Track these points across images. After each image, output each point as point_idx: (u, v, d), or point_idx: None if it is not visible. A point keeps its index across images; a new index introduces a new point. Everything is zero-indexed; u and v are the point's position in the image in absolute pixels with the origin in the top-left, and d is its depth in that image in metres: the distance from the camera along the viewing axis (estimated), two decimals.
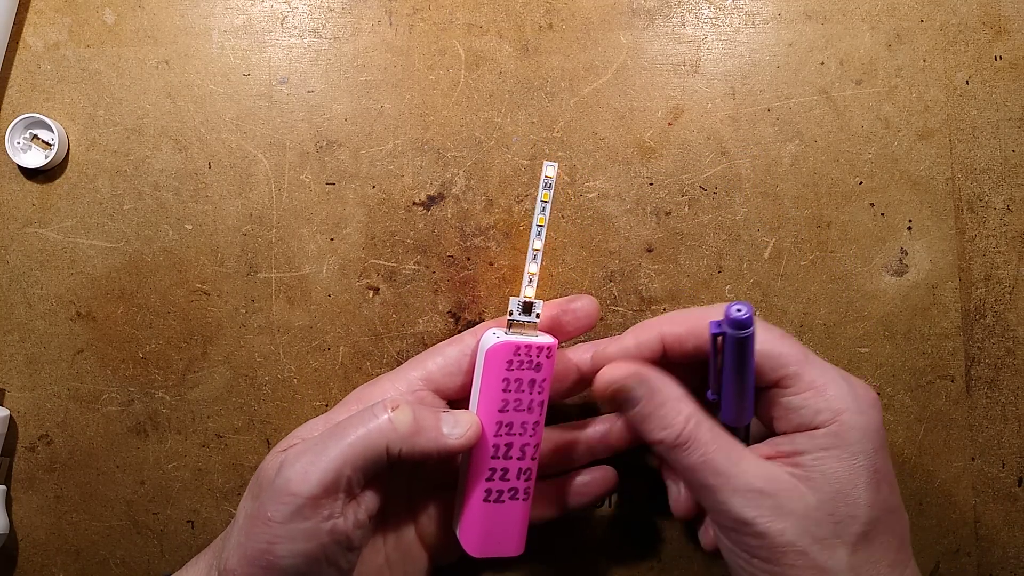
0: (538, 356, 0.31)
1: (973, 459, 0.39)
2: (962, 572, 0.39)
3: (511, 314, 0.32)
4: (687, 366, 0.32)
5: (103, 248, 0.39)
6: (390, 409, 0.29)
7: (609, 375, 0.31)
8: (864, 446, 0.28)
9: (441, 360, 0.33)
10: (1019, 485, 0.39)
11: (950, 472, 0.39)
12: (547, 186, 0.31)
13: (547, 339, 0.32)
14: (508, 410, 0.31)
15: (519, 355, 0.31)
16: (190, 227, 0.39)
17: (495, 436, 0.31)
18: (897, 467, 0.39)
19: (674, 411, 0.30)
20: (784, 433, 0.30)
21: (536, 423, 0.32)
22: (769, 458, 0.29)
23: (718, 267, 0.39)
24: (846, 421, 0.28)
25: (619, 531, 0.39)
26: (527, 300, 0.32)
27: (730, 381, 0.30)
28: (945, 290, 0.39)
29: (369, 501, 0.30)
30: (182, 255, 0.39)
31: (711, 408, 0.31)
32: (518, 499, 0.32)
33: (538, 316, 0.32)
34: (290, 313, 0.39)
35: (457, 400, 0.34)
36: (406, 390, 0.33)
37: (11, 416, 0.39)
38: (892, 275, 0.39)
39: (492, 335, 0.32)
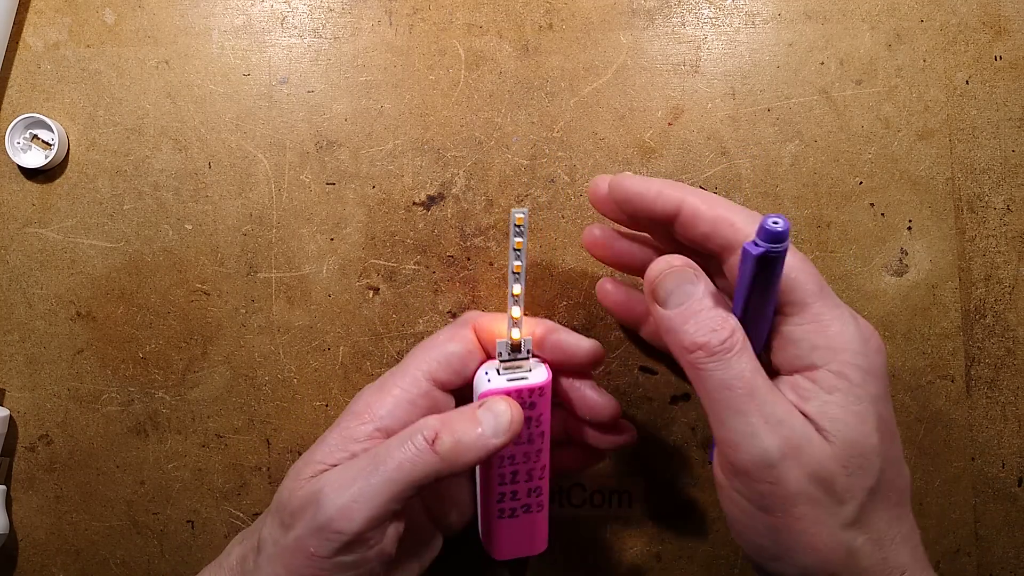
0: (530, 397, 0.32)
1: (973, 459, 0.39)
2: (962, 572, 0.39)
3: (500, 355, 0.32)
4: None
5: (103, 248, 0.39)
6: (431, 441, 0.29)
7: (666, 261, 0.28)
8: (868, 389, 0.26)
9: (443, 358, 0.32)
10: (1019, 485, 0.39)
11: (950, 472, 0.39)
12: (519, 233, 0.31)
13: (539, 377, 0.32)
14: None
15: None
16: (190, 227, 0.39)
17: (499, 468, 0.32)
18: None
19: (722, 315, 0.27)
20: (779, 371, 0.28)
21: (539, 451, 0.33)
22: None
23: None
24: (848, 361, 0.26)
25: (619, 531, 0.39)
26: (513, 342, 0.32)
27: (752, 303, 0.28)
28: (945, 290, 0.39)
29: (404, 514, 0.30)
30: (182, 255, 0.39)
31: None
32: (531, 512, 0.34)
33: (529, 351, 0.32)
34: (290, 313, 0.39)
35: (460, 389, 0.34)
36: (416, 393, 0.32)
37: (11, 416, 0.39)
38: (892, 275, 0.39)
39: (484, 377, 0.32)
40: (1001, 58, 0.39)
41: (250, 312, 0.39)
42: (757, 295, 0.27)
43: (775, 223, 0.25)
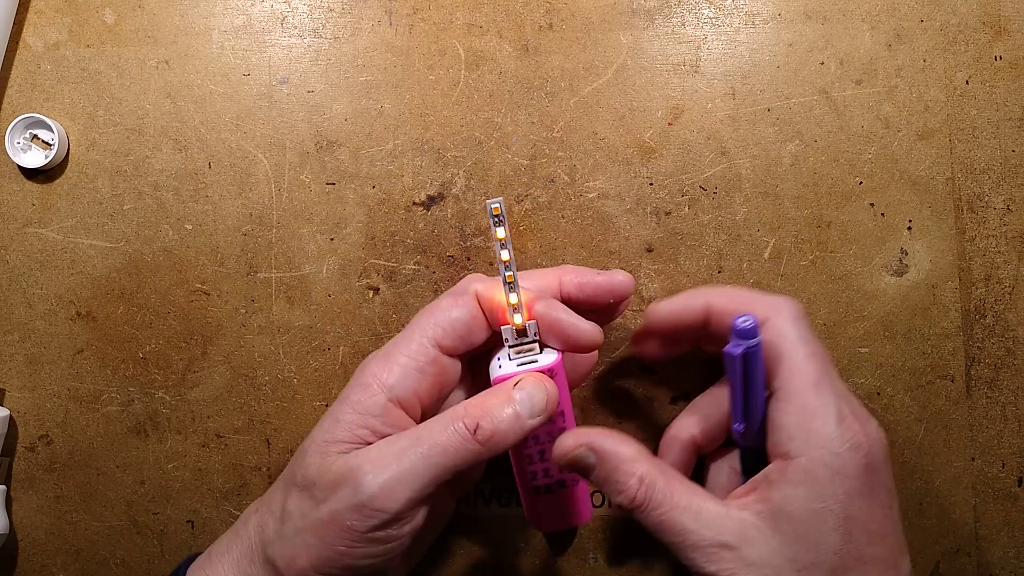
0: None
1: (973, 459, 0.39)
2: (962, 572, 0.39)
3: (507, 341, 0.32)
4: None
5: (103, 248, 0.39)
6: (473, 431, 0.29)
7: (562, 446, 0.31)
8: (833, 489, 0.27)
9: (448, 324, 0.32)
10: (1019, 485, 0.39)
11: (950, 472, 0.39)
12: (499, 223, 0.31)
13: (549, 359, 0.32)
14: None
15: None
16: (190, 227, 0.39)
17: (526, 449, 0.33)
18: (897, 467, 0.39)
19: (626, 475, 0.29)
20: (769, 453, 0.30)
21: (562, 429, 0.33)
22: (746, 494, 0.29)
23: (718, 267, 0.39)
24: (817, 458, 0.27)
25: (619, 531, 0.39)
26: (518, 327, 0.32)
27: (745, 394, 0.30)
28: (945, 290, 0.39)
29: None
30: (182, 255, 0.39)
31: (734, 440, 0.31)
32: (567, 487, 0.35)
33: (535, 334, 0.32)
34: (290, 313, 0.39)
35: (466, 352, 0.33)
36: (424, 361, 0.31)
37: (11, 416, 0.39)
38: (892, 275, 0.39)
39: (496, 363, 0.32)
40: (1001, 58, 0.39)
41: (250, 312, 0.39)
42: (748, 386, 0.29)
43: (745, 321, 0.28)
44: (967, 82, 0.39)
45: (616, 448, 0.30)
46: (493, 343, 0.33)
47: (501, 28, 0.39)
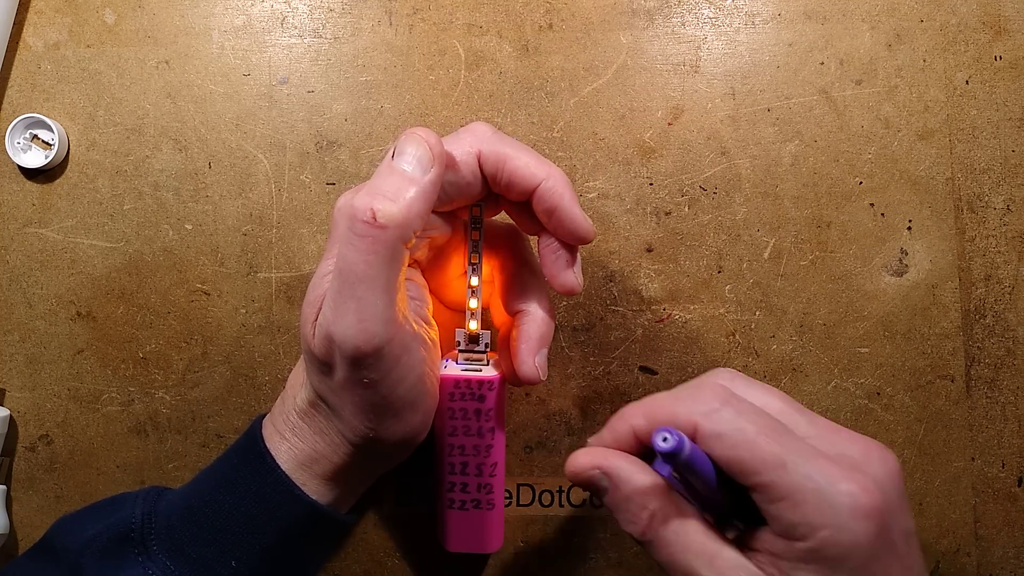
0: (479, 389, 0.32)
1: (973, 459, 0.39)
2: (962, 572, 0.39)
3: (458, 344, 0.33)
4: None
5: (103, 248, 0.39)
6: (373, 220, 0.27)
7: (576, 463, 0.29)
8: (849, 563, 0.25)
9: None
10: (1019, 485, 0.39)
11: (950, 472, 0.39)
12: (476, 225, 0.32)
13: (491, 372, 0.33)
14: (457, 434, 0.33)
15: (459, 388, 0.32)
16: (190, 227, 0.39)
17: (448, 456, 0.33)
18: None
19: (638, 506, 0.27)
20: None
21: (489, 446, 0.33)
22: (757, 550, 0.26)
23: (718, 267, 0.39)
24: (825, 538, 0.24)
25: (619, 531, 0.39)
26: (471, 333, 0.33)
27: (694, 499, 0.28)
28: (945, 290, 0.39)
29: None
30: (182, 255, 0.39)
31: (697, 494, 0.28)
32: (482, 509, 0.34)
33: (487, 346, 0.33)
34: (290, 313, 0.39)
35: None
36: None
37: (11, 416, 0.39)
38: (892, 275, 0.39)
39: (442, 365, 0.33)
40: (1001, 58, 0.39)
41: (250, 312, 0.39)
42: (699, 490, 0.27)
43: (664, 440, 0.24)
44: (967, 82, 0.39)
45: (631, 477, 0.28)
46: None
47: (501, 28, 0.39)
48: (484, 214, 0.32)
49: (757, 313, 0.39)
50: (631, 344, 0.39)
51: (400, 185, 0.27)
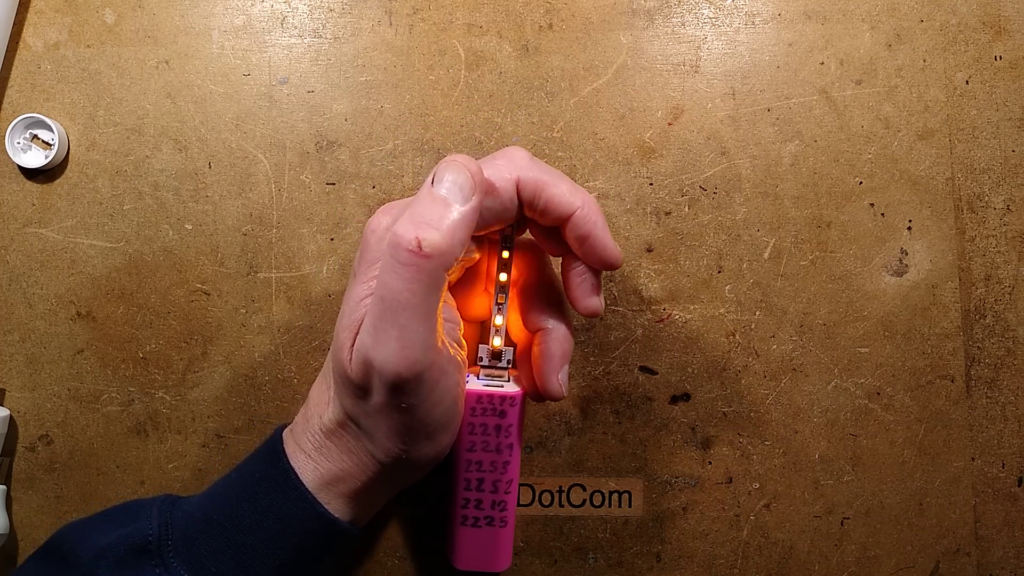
0: (501, 405, 0.32)
1: (973, 459, 0.39)
2: (962, 572, 0.39)
3: (480, 360, 0.33)
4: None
5: (103, 248, 0.39)
6: (417, 249, 0.27)
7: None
8: None
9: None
10: (1019, 485, 0.39)
11: (950, 472, 0.39)
12: (506, 246, 0.32)
13: (513, 388, 0.32)
14: (476, 450, 0.33)
15: (481, 403, 0.32)
16: (190, 227, 0.39)
17: (465, 471, 0.33)
18: (897, 467, 0.39)
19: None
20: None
21: (506, 463, 0.33)
22: None
23: (718, 267, 0.39)
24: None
25: (619, 531, 0.39)
26: (494, 349, 0.33)
27: None
28: (945, 290, 0.39)
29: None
30: (182, 255, 0.39)
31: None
32: (494, 526, 0.34)
33: (509, 362, 0.33)
34: (290, 313, 0.39)
35: None
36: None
37: (11, 416, 0.39)
38: (892, 275, 0.39)
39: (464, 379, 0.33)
40: (1001, 58, 0.39)
41: (250, 312, 0.39)
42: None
43: None
44: (967, 82, 0.39)
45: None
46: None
47: (501, 28, 0.39)
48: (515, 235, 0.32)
49: (757, 313, 0.39)
50: (631, 344, 0.39)
51: (443, 213, 0.27)
